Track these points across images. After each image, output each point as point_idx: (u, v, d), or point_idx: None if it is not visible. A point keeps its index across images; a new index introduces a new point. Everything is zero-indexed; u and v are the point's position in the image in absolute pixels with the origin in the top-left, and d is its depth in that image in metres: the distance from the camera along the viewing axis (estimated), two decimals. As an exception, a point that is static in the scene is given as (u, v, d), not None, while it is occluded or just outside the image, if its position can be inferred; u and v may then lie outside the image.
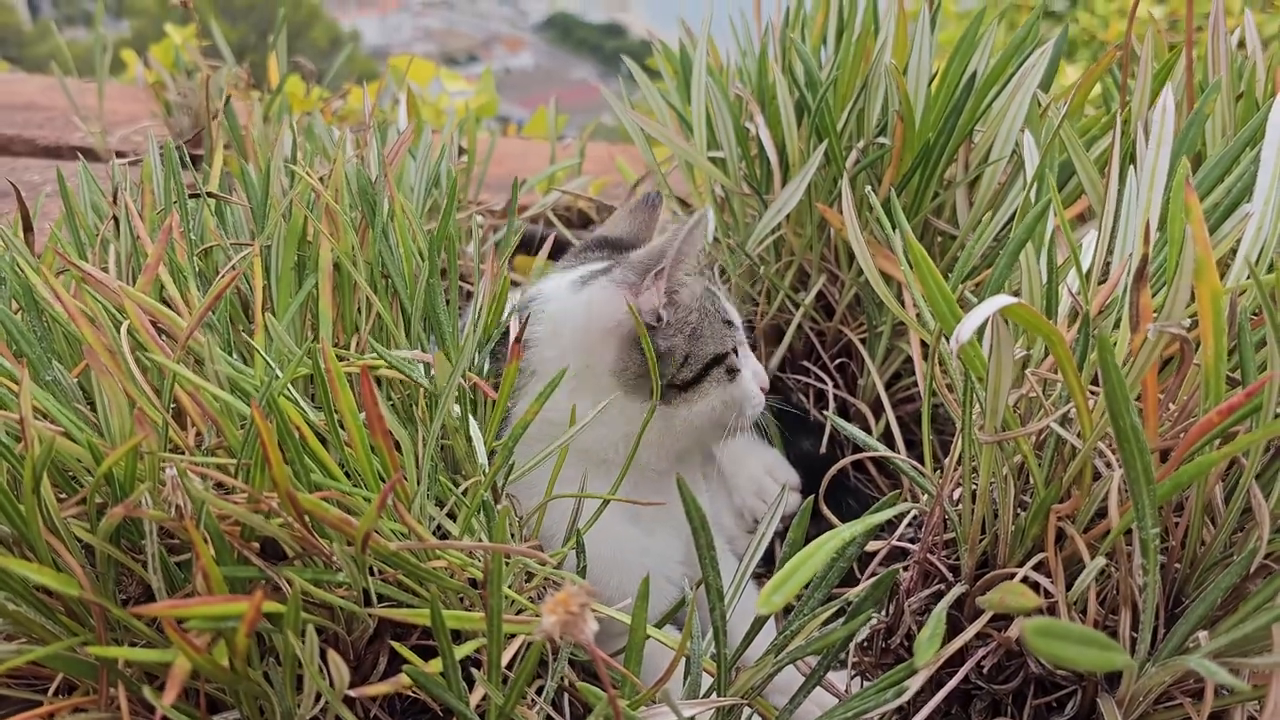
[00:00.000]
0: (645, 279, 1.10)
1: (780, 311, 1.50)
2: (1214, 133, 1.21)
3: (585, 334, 1.11)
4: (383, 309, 0.99)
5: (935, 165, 1.32)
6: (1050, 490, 0.87)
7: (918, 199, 1.36)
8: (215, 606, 0.69)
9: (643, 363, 1.09)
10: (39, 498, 0.75)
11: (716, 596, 0.87)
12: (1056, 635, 0.59)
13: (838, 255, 1.45)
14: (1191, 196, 0.73)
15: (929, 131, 1.31)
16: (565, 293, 1.16)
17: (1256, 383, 0.70)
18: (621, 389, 1.11)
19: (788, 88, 1.39)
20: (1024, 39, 1.35)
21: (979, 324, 0.70)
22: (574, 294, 1.15)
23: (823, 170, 1.40)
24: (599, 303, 1.12)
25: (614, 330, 1.11)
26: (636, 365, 1.11)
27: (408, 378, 0.94)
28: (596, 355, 1.11)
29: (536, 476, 1.05)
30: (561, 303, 1.14)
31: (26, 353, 0.91)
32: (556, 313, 1.13)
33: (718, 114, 1.49)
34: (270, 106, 2.13)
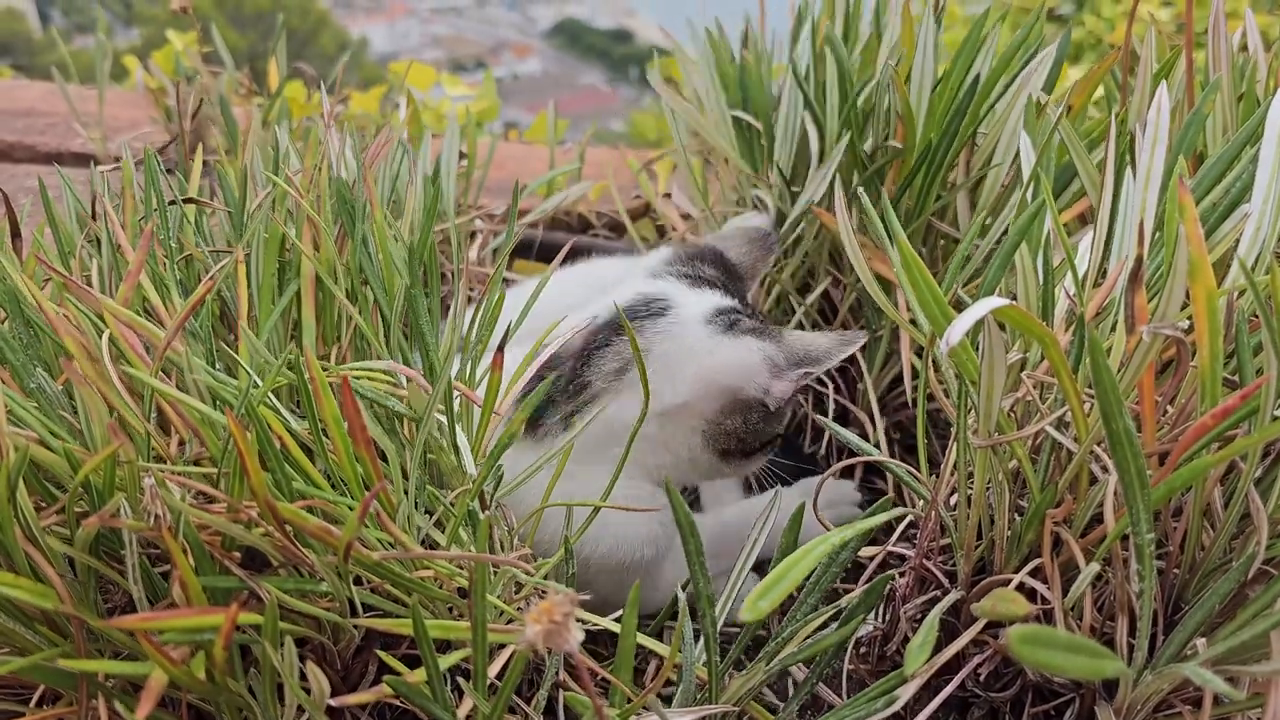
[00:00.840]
0: (791, 370, 1.07)
1: (785, 313, 1.49)
2: (1215, 132, 1.19)
3: (709, 378, 1.08)
4: (361, 320, 0.97)
5: (938, 168, 1.31)
6: (1046, 495, 0.86)
7: (920, 201, 1.35)
8: (191, 619, 0.68)
9: (738, 429, 1.09)
10: (16, 506, 0.74)
11: (707, 604, 0.86)
12: (1043, 643, 0.58)
13: (842, 257, 1.43)
14: (1186, 197, 0.72)
15: (932, 134, 1.29)
16: (705, 327, 1.09)
17: (1251, 385, 0.69)
18: (699, 438, 1.10)
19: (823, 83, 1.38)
20: (1024, 40, 1.34)
21: (970, 326, 0.69)
22: (717, 335, 1.09)
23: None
24: (740, 362, 1.07)
25: (733, 392, 1.08)
26: (730, 428, 1.09)
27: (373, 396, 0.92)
28: (702, 400, 1.08)
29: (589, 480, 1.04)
30: (699, 336, 1.09)
31: (10, 359, 0.91)
32: (694, 344, 1.08)
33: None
34: (269, 111, 2.13)
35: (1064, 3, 5.60)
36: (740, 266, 1.25)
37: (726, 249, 1.26)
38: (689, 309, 1.11)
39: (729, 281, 1.20)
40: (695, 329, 1.09)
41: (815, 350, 1.07)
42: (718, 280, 1.19)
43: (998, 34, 1.34)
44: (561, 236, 1.89)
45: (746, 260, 1.26)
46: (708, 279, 1.18)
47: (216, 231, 1.19)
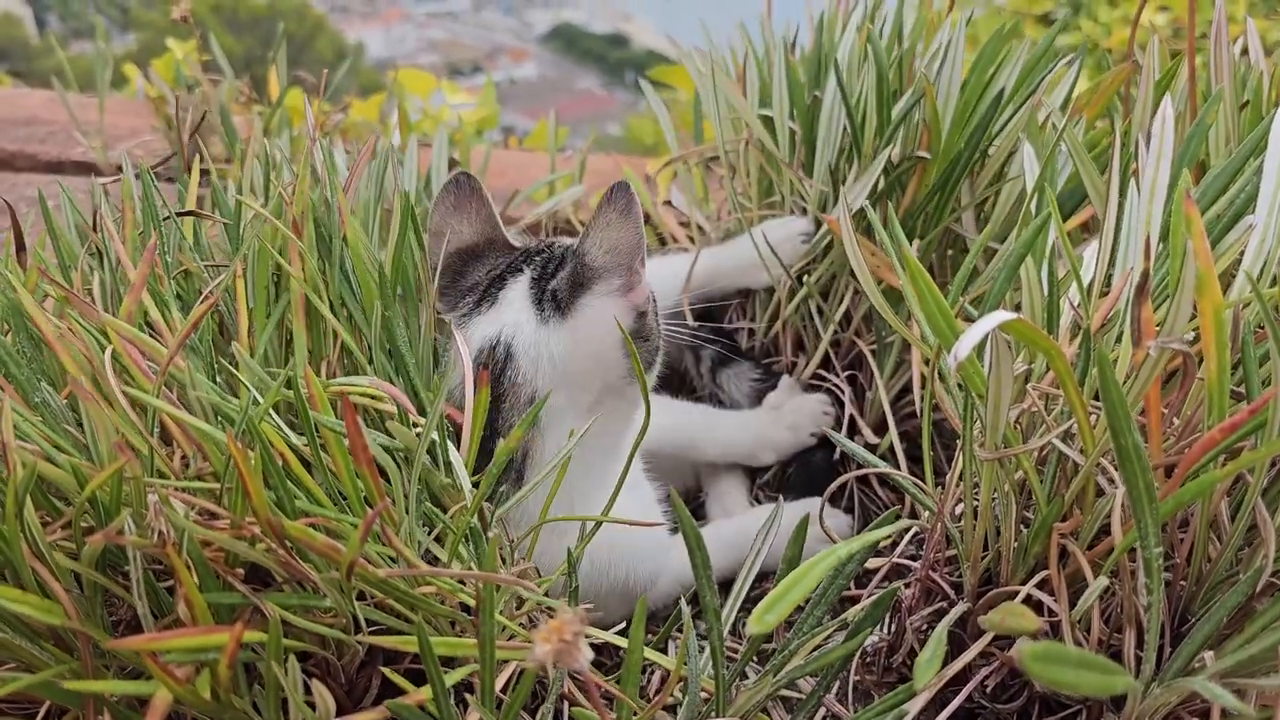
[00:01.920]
0: (632, 275, 1.06)
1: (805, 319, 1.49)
2: (1218, 142, 1.19)
3: (598, 354, 1.06)
4: (347, 337, 0.97)
5: (960, 177, 1.31)
6: (1052, 507, 0.86)
7: (940, 209, 1.35)
8: (195, 638, 0.67)
9: (647, 347, 1.09)
10: (22, 522, 0.74)
11: (714, 616, 0.86)
12: (1055, 660, 0.58)
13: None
14: (1192, 209, 0.72)
15: (956, 142, 1.30)
16: (542, 327, 1.07)
17: (1260, 399, 0.69)
18: (629, 382, 1.08)
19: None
20: (1043, 54, 1.34)
21: (977, 340, 0.68)
22: (560, 324, 1.07)
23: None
24: (603, 321, 1.06)
25: (618, 339, 1.06)
26: (643, 351, 1.09)
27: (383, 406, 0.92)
28: (609, 369, 1.07)
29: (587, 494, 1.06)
30: (550, 340, 1.06)
31: (15, 375, 0.90)
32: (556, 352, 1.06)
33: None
34: (270, 120, 2.13)
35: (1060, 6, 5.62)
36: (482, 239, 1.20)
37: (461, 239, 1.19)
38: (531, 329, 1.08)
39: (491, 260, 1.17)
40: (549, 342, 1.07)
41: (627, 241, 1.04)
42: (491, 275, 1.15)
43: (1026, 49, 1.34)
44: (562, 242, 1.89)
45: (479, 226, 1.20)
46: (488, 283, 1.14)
47: (216, 242, 1.19)
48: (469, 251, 1.18)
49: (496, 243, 1.19)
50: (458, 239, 1.19)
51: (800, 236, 1.43)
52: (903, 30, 1.45)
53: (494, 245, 1.19)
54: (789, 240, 1.44)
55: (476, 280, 1.15)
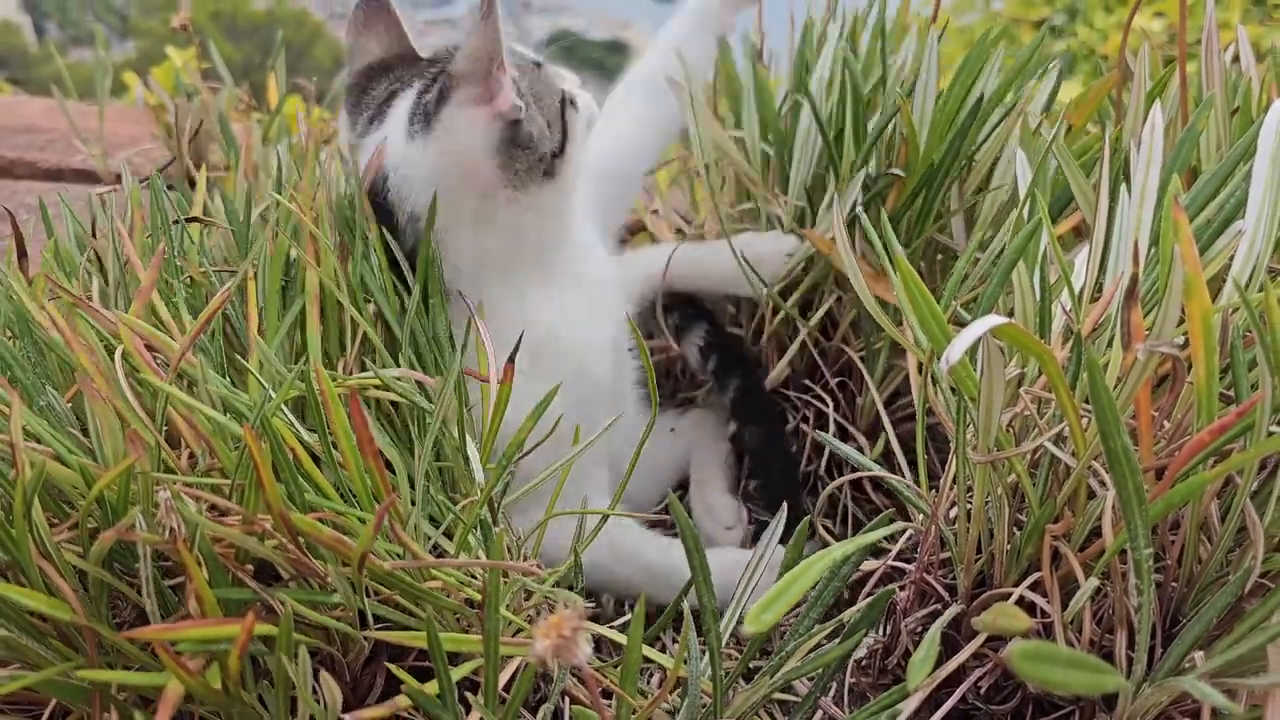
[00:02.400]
0: (490, 81, 1.06)
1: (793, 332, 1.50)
2: (1209, 148, 1.21)
3: (465, 169, 1.08)
4: (369, 328, 0.99)
5: (940, 187, 1.32)
6: (1044, 510, 0.87)
7: (921, 220, 1.36)
8: (207, 629, 0.69)
9: (528, 154, 1.09)
10: (30, 522, 0.75)
11: (712, 618, 0.87)
12: (1045, 659, 0.59)
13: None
14: (1180, 215, 0.73)
15: (934, 154, 1.31)
16: (412, 144, 1.09)
17: (1247, 402, 0.70)
18: (516, 192, 1.10)
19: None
20: (1027, 60, 1.36)
21: (969, 344, 0.70)
22: (425, 139, 1.08)
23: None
24: (463, 131, 1.07)
25: (489, 147, 1.07)
26: (523, 161, 1.09)
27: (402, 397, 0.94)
28: (486, 180, 1.08)
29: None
30: (421, 158, 1.08)
31: (20, 378, 0.92)
32: (425, 168, 1.08)
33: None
34: (269, 128, 2.14)
35: (1057, 13, 5.64)
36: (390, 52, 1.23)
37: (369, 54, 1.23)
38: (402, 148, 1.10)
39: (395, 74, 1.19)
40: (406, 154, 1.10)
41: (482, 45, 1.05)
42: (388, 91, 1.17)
43: (1001, 54, 1.36)
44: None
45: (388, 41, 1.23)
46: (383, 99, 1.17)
47: (215, 249, 1.20)
48: (377, 67, 1.20)
49: (405, 57, 1.21)
50: (366, 56, 1.22)
51: (784, 256, 1.42)
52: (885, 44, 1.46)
53: (402, 60, 1.21)
54: (774, 256, 1.42)
55: (375, 96, 1.17)
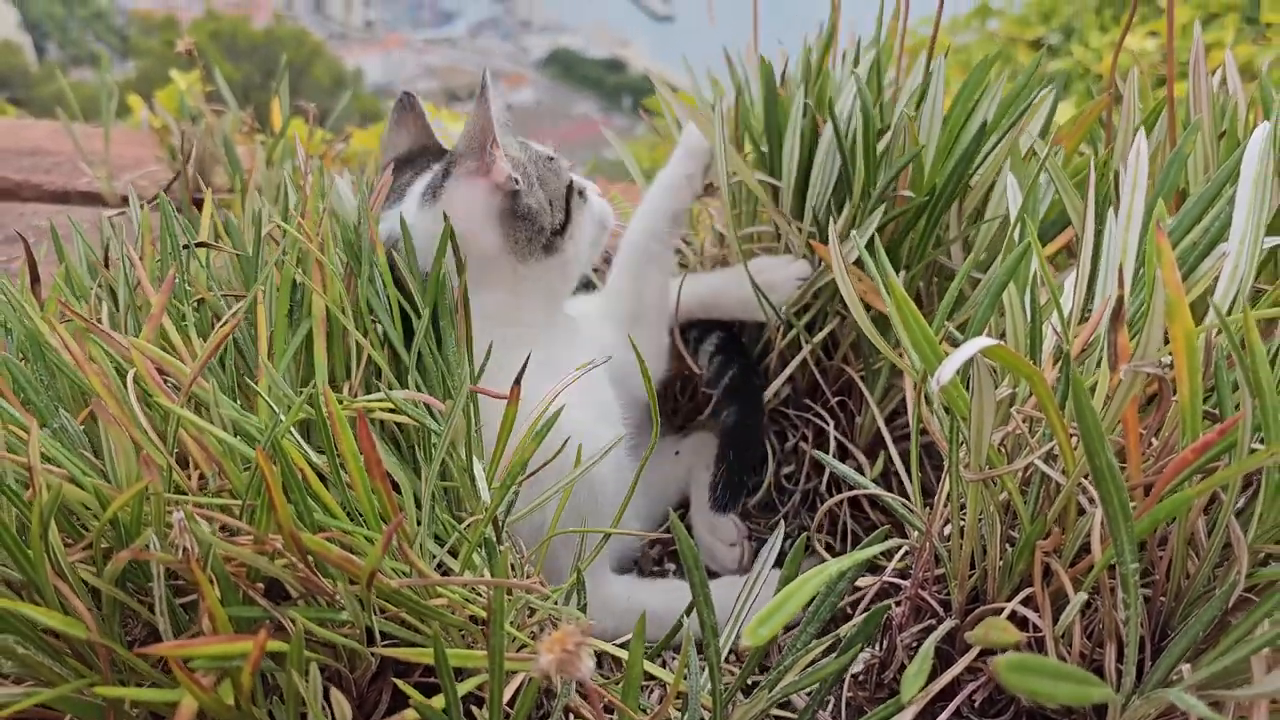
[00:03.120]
0: (485, 156, 1.18)
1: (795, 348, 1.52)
2: (1197, 170, 1.23)
3: (466, 234, 1.17)
4: (375, 354, 1.01)
5: (942, 210, 1.35)
6: (1035, 526, 0.89)
7: (923, 242, 1.39)
8: (220, 646, 0.71)
9: (526, 227, 1.20)
10: (47, 543, 0.77)
11: (711, 633, 0.89)
12: (1030, 670, 0.61)
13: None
14: (1163, 240, 0.75)
15: (937, 178, 1.33)
16: (422, 214, 1.21)
17: (1229, 421, 0.73)
18: (517, 261, 1.21)
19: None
20: (1024, 86, 1.38)
21: (959, 365, 0.72)
22: (431, 208, 1.20)
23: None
24: (461, 200, 1.19)
25: (488, 216, 1.19)
26: (523, 232, 1.20)
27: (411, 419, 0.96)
28: (483, 247, 1.19)
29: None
30: (425, 223, 1.20)
31: (34, 401, 0.94)
32: (429, 233, 1.17)
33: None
34: (273, 150, 2.17)
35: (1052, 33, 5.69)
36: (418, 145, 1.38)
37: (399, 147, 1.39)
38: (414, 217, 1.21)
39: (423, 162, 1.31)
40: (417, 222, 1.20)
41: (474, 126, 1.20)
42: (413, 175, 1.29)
43: (1002, 82, 1.39)
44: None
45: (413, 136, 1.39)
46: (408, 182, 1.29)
47: (220, 269, 1.23)
48: (405, 159, 1.35)
49: (429, 149, 1.36)
50: (395, 149, 1.39)
51: (797, 281, 1.45)
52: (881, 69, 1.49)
53: (426, 151, 1.36)
54: (786, 282, 1.46)
55: (401, 182, 1.30)
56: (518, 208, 1.20)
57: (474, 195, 1.20)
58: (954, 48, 5.38)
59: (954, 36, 5.71)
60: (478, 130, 1.19)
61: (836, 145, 1.38)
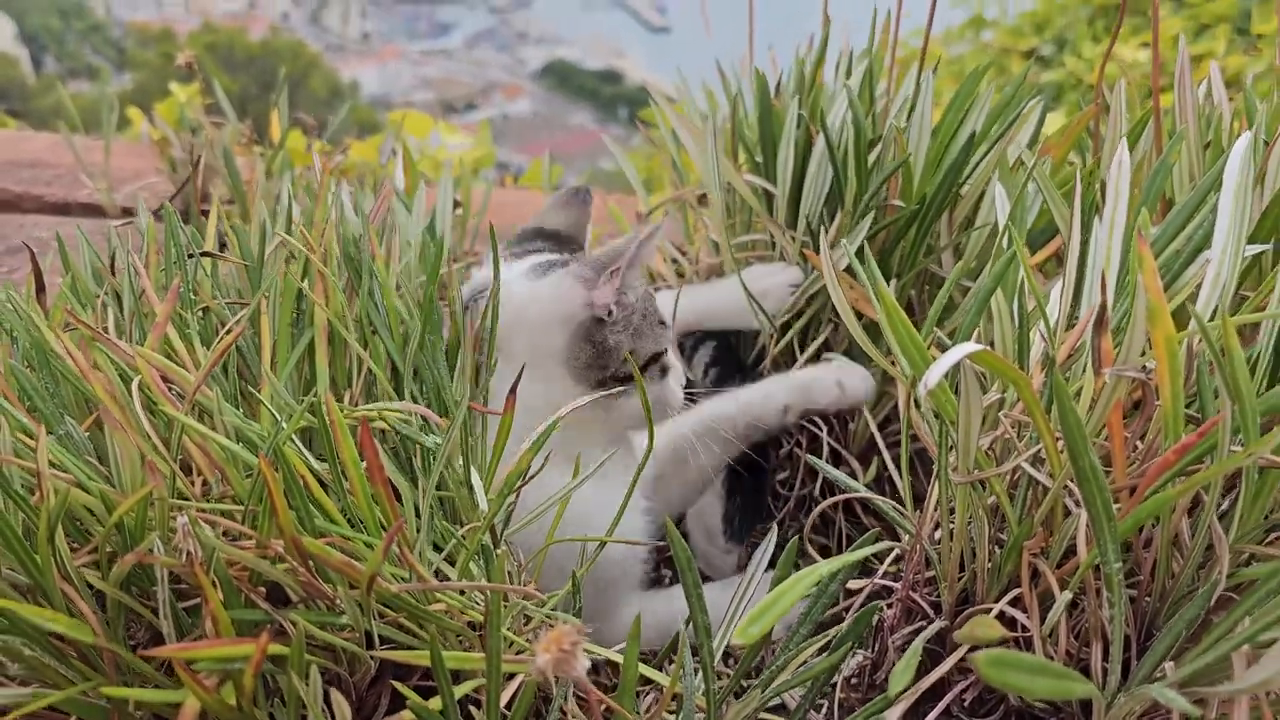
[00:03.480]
0: (601, 276, 1.17)
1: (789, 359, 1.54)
2: (1182, 179, 1.26)
3: (542, 320, 1.18)
4: (373, 364, 1.03)
5: (933, 219, 1.37)
6: (1023, 528, 0.91)
7: (914, 250, 1.41)
8: (223, 648, 0.72)
9: (592, 354, 1.18)
10: (53, 547, 0.79)
11: (705, 634, 0.91)
12: (1009, 665, 0.62)
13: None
14: (1145, 249, 0.77)
15: (927, 188, 1.36)
16: (524, 281, 1.21)
17: (1208, 423, 0.74)
18: (570, 376, 1.19)
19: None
20: (1013, 96, 1.41)
21: (946, 370, 0.74)
22: (532, 281, 1.21)
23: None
24: (557, 292, 1.18)
25: (568, 320, 1.18)
26: (586, 356, 1.18)
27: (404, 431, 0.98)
28: (548, 341, 1.18)
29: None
30: (521, 290, 1.20)
31: (40, 408, 0.95)
32: (518, 299, 1.18)
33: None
34: (272, 162, 2.19)
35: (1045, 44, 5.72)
36: (564, 230, 1.38)
37: (547, 221, 1.39)
38: (514, 280, 1.22)
39: (555, 246, 1.33)
40: (517, 287, 1.20)
41: (614, 250, 1.19)
42: (541, 249, 1.32)
43: (991, 93, 1.41)
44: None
45: (567, 222, 1.39)
46: (532, 250, 1.31)
47: (228, 281, 1.25)
48: (545, 232, 1.37)
49: (571, 240, 1.37)
50: (546, 219, 1.40)
51: (789, 287, 1.48)
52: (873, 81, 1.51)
53: (566, 240, 1.36)
54: (778, 289, 1.48)
55: (529, 247, 1.32)
56: (597, 334, 1.18)
57: (570, 296, 1.18)
58: (948, 59, 5.41)
59: (948, 48, 5.74)
60: (614, 254, 1.18)
61: (829, 156, 1.40)
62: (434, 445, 0.94)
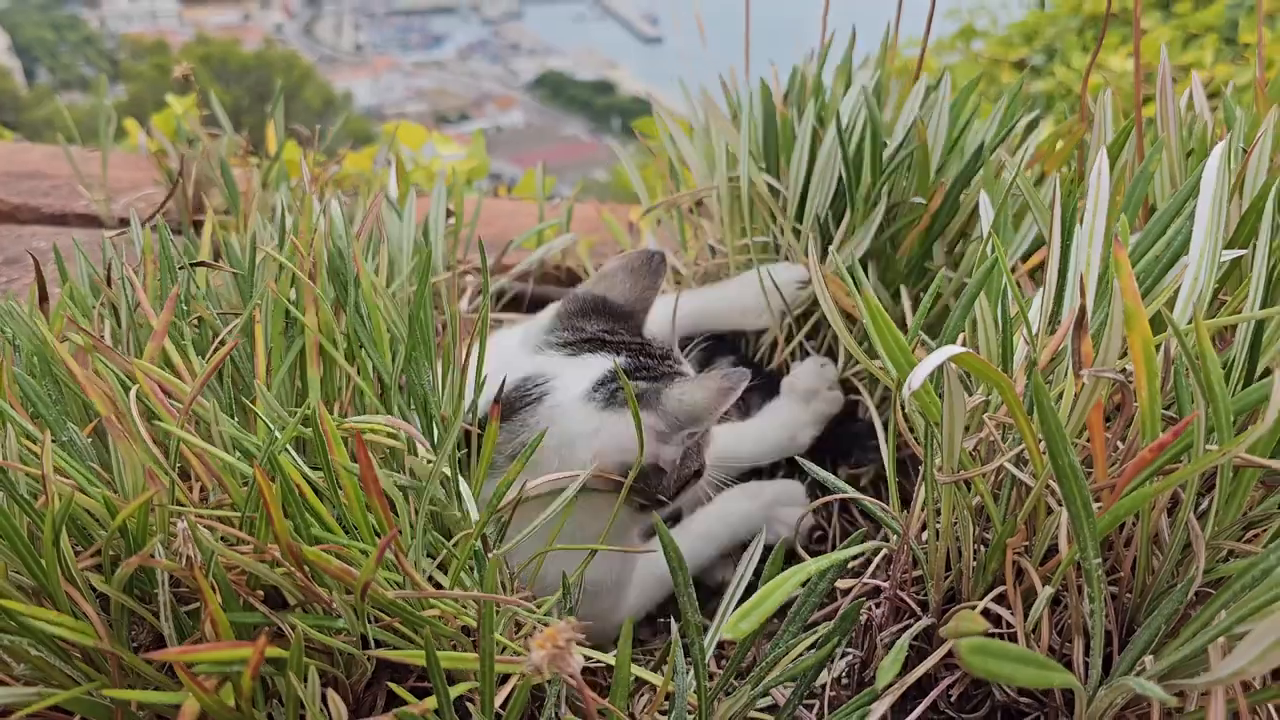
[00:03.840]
0: (676, 435, 1.11)
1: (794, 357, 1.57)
2: (1164, 187, 1.28)
3: (597, 456, 1.10)
4: (362, 382, 1.04)
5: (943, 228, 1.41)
6: (1006, 526, 0.93)
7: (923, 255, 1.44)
8: (222, 651, 0.74)
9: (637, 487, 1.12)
10: (58, 550, 0.81)
11: (696, 631, 0.93)
12: (991, 654, 0.64)
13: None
14: (1121, 252, 0.80)
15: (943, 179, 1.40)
16: (586, 406, 1.12)
17: (1183, 422, 0.77)
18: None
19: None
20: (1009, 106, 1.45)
21: (929, 372, 0.76)
22: (599, 409, 1.12)
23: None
24: (624, 442, 1.10)
25: (626, 464, 1.09)
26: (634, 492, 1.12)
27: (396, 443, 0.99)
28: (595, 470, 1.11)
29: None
30: (581, 417, 1.12)
31: (43, 414, 0.97)
32: (576, 427, 1.11)
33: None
34: (268, 173, 2.21)
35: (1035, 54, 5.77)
36: (626, 304, 1.26)
37: (610, 289, 1.26)
38: (569, 389, 1.13)
39: (614, 326, 1.22)
40: (577, 410, 1.12)
41: (696, 409, 1.08)
42: (600, 334, 1.21)
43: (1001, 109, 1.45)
44: (552, 290, 1.97)
45: (633, 294, 1.26)
46: (589, 337, 1.20)
47: (221, 291, 1.26)
48: (608, 305, 1.25)
49: (631, 317, 1.25)
50: (609, 287, 1.26)
51: (797, 283, 1.49)
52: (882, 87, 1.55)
53: (626, 316, 1.25)
54: (787, 286, 1.49)
55: (582, 326, 1.21)
56: (652, 477, 1.13)
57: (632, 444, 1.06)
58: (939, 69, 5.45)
59: (939, 57, 5.79)
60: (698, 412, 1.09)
61: (840, 155, 1.43)
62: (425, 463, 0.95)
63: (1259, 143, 1.08)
